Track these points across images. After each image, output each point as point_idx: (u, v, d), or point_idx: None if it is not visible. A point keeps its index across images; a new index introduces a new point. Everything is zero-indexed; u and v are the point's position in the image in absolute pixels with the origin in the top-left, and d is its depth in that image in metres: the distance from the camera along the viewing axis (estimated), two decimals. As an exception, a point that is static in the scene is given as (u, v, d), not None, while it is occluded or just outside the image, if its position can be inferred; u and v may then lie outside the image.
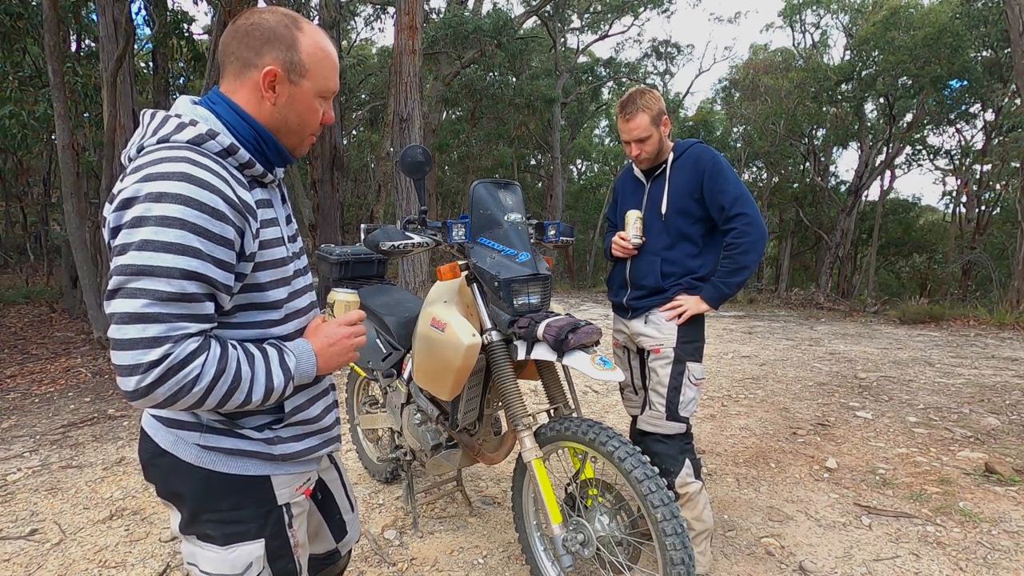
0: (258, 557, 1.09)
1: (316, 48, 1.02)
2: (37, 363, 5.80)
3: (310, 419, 1.14)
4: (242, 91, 1.02)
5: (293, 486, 1.14)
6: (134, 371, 0.85)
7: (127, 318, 0.85)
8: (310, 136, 1.10)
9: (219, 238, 0.91)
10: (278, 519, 1.12)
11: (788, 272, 21.19)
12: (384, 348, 2.38)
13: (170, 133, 0.95)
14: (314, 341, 1.09)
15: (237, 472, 1.06)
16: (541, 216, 18.62)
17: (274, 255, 1.05)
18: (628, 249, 2.13)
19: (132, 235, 0.86)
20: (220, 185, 0.92)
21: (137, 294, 0.85)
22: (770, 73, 19.39)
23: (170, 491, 1.08)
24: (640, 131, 2.02)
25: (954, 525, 2.47)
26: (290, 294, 1.09)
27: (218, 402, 0.93)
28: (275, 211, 1.08)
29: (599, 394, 4.54)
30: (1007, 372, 5.04)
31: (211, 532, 1.07)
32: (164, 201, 0.87)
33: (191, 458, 1.04)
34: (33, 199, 14.32)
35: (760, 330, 7.73)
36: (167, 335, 0.86)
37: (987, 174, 17.54)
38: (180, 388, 0.88)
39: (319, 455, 1.18)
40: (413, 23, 6.22)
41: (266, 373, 0.99)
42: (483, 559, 2.27)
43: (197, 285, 0.89)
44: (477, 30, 12.59)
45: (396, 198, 6.51)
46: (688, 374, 2.04)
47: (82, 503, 2.77)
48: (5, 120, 6.81)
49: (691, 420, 2.09)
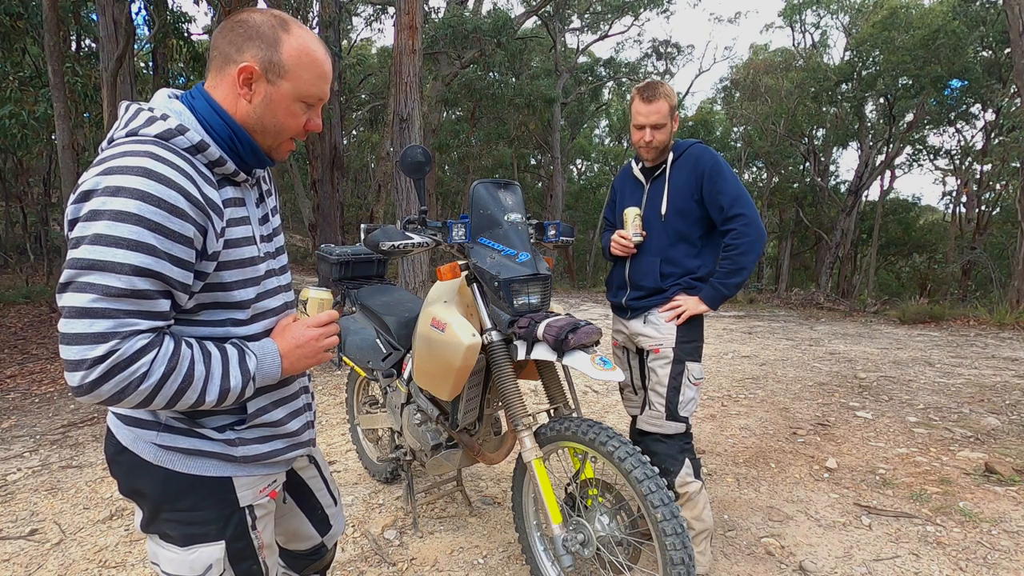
0: (218, 559, 1.07)
1: (300, 52, 1.00)
2: (37, 363, 5.80)
3: (273, 422, 1.11)
4: (221, 86, 1.01)
5: (257, 488, 1.12)
6: (79, 366, 0.85)
7: (75, 312, 0.84)
8: (289, 141, 1.08)
9: (177, 235, 0.89)
10: (240, 521, 1.10)
11: (788, 272, 21.19)
12: (384, 348, 2.38)
13: (139, 127, 0.94)
14: (280, 342, 1.07)
15: (196, 472, 1.04)
16: (541, 216, 18.62)
17: (242, 255, 1.03)
18: (628, 247, 2.11)
19: (87, 228, 0.85)
20: (182, 181, 0.90)
21: (86, 288, 0.84)
22: (770, 73, 19.40)
23: (131, 488, 1.07)
24: (659, 116, 2.01)
25: (954, 525, 2.47)
26: (259, 294, 1.07)
27: (168, 401, 0.92)
28: (247, 210, 1.06)
29: (599, 394, 4.54)
30: (1007, 372, 5.04)
31: (171, 532, 1.06)
32: (120, 196, 0.85)
33: (150, 456, 1.03)
34: (33, 199, 14.32)
35: (760, 330, 7.73)
36: (114, 331, 0.85)
37: (987, 174, 17.54)
38: (126, 385, 0.87)
39: (285, 459, 1.16)
40: (413, 23, 6.22)
41: (223, 373, 0.97)
42: (483, 559, 2.27)
43: (149, 282, 0.87)
44: (476, 30, 12.60)
45: (396, 198, 6.51)
46: (687, 374, 2.04)
47: (82, 503, 2.77)
48: (5, 120, 6.81)
49: (691, 420, 2.09)
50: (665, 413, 2.02)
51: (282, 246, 1.20)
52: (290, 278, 1.20)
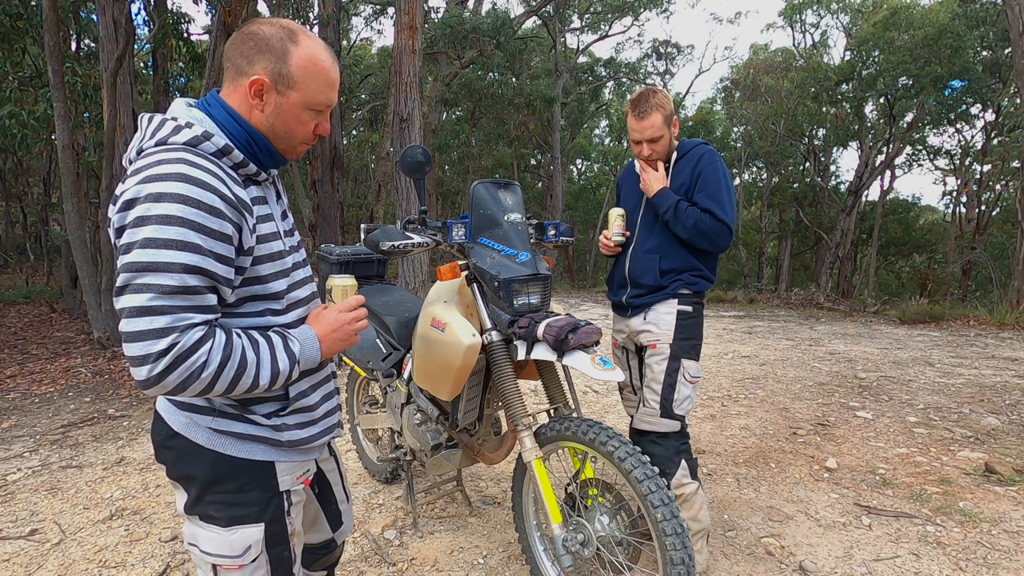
0: (257, 541, 1.13)
1: (308, 62, 1.05)
2: (37, 363, 5.80)
3: (310, 406, 1.18)
4: (235, 96, 1.07)
5: (295, 474, 1.18)
6: (145, 361, 0.91)
7: (135, 312, 0.91)
8: (301, 144, 1.14)
9: (218, 234, 0.96)
10: (278, 505, 1.16)
11: (788, 272, 21.19)
12: (384, 348, 2.38)
13: (167, 136, 1.00)
14: (316, 327, 1.14)
15: (246, 456, 1.11)
16: (541, 216, 18.63)
17: (271, 249, 1.09)
18: (611, 247, 2.17)
19: (135, 234, 0.91)
20: (216, 184, 0.97)
21: (143, 289, 0.91)
22: (770, 73, 19.40)
23: (180, 472, 1.12)
24: (653, 130, 2.01)
25: (954, 525, 2.47)
26: (290, 285, 1.14)
27: (227, 386, 0.98)
28: (270, 207, 1.13)
29: (599, 394, 4.54)
30: (1007, 372, 5.04)
31: (215, 513, 1.11)
32: (164, 201, 0.91)
33: (203, 440, 1.09)
34: (33, 199, 14.33)
35: (760, 330, 7.73)
36: (173, 325, 0.91)
37: (987, 174, 17.52)
38: (190, 374, 0.93)
39: (320, 443, 1.22)
40: (413, 23, 6.22)
41: (271, 358, 1.03)
42: (483, 559, 2.27)
43: (198, 278, 0.94)
44: (476, 30, 12.60)
45: (396, 198, 6.51)
46: (683, 371, 2.04)
47: (82, 503, 2.77)
48: (5, 120, 6.81)
49: (687, 419, 2.09)
50: (660, 410, 2.02)
51: (300, 240, 1.27)
52: (310, 270, 1.26)
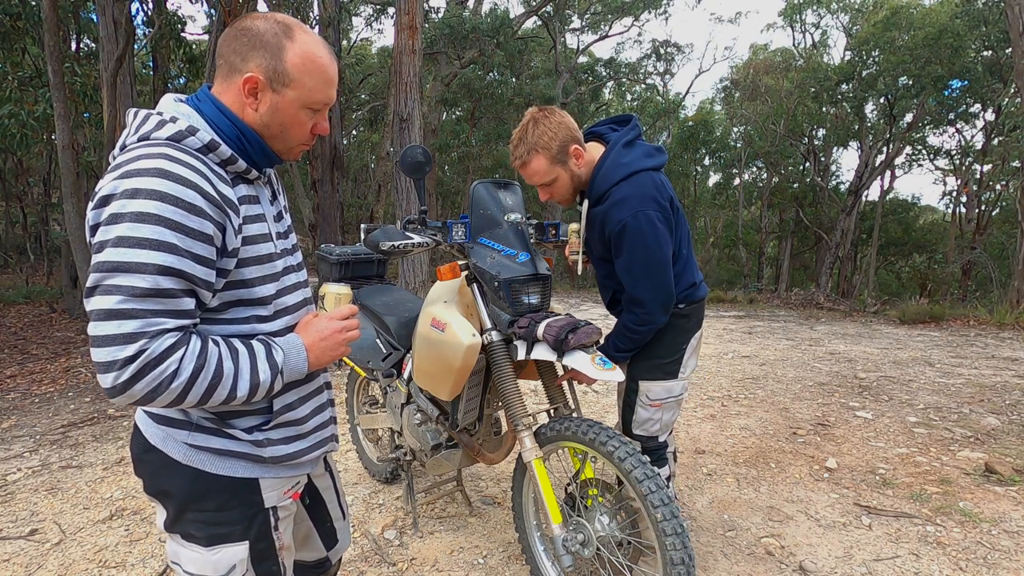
0: (242, 559, 1.08)
1: (304, 59, 1.00)
2: (37, 363, 5.80)
3: (298, 420, 1.12)
4: (228, 93, 1.02)
5: (281, 489, 1.13)
6: (111, 367, 0.85)
7: (103, 314, 0.85)
8: (299, 146, 1.09)
9: (197, 233, 0.90)
10: (264, 522, 1.11)
11: (788, 272, 21.18)
12: (384, 348, 2.38)
13: (150, 130, 0.95)
14: (304, 336, 1.08)
15: (225, 473, 1.05)
16: (541, 216, 18.61)
17: (259, 251, 1.04)
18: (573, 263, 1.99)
19: (109, 232, 0.86)
20: (198, 180, 0.91)
21: (113, 290, 0.85)
22: (770, 73, 19.41)
23: (157, 488, 1.07)
24: (540, 176, 1.76)
25: (954, 525, 2.47)
26: (279, 290, 1.08)
27: (200, 398, 0.92)
28: (261, 207, 1.07)
29: (599, 394, 4.54)
30: (1007, 372, 5.04)
31: (195, 532, 1.06)
32: (139, 197, 0.86)
33: (180, 456, 1.04)
34: (33, 199, 14.33)
35: (760, 330, 7.73)
36: (142, 331, 0.86)
37: (987, 174, 17.53)
38: (159, 383, 0.87)
39: (310, 458, 1.17)
40: (413, 23, 6.22)
41: (251, 368, 0.98)
42: (483, 559, 2.27)
43: (173, 280, 0.88)
44: (475, 30, 12.60)
45: (396, 198, 6.51)
46: (642, 394, 1.88)
47: (82, 503, 2.77)
48: (5, 120, 6.81)
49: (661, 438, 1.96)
50: (621, 425, 1.99)
51: (296, 243, 1.21)
52: (306, 275, 1.21)
